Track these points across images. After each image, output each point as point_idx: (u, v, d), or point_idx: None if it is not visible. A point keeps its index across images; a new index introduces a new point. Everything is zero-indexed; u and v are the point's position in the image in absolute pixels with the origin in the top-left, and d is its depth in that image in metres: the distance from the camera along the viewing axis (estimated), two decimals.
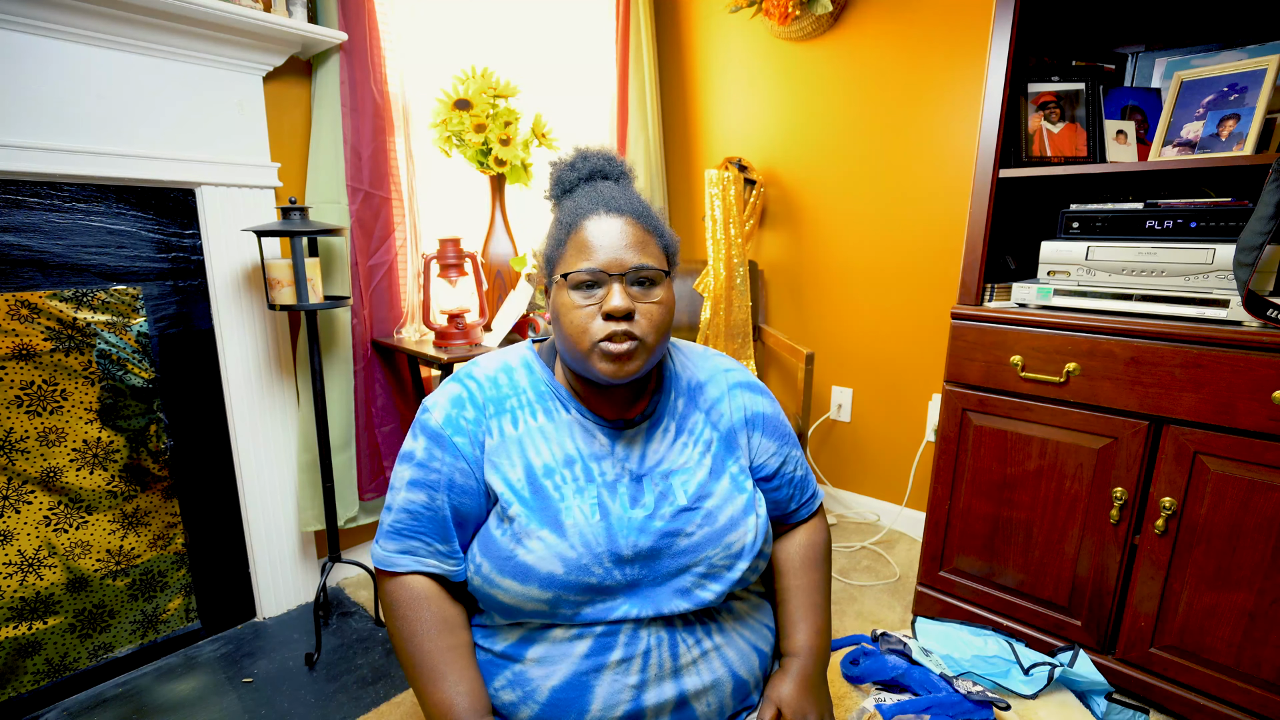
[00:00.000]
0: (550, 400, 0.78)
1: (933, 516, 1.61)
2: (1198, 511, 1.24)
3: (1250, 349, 1.15)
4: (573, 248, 0.72)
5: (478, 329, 1.74)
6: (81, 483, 1.43)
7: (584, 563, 0.69)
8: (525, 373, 0.80)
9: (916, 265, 2.05)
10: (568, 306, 0.71)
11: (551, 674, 0.70)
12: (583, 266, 0.70)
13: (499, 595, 0.71)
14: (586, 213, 0.73)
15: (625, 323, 0.70)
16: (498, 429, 0.75)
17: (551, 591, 0.69)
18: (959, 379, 1.51)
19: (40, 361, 1.36)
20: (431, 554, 0.74)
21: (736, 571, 0.74)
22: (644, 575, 0.71)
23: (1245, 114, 1.24)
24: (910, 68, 1.97)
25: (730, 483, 0.78)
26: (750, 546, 0.75)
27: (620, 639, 0.70)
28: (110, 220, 1.41)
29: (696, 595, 0.73)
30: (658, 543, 0.72)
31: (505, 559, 0.70)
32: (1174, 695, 1.31)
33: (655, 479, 0.76)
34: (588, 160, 0.79)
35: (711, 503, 0.76)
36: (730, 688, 0.75)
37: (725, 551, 0.74)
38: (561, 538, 0.70)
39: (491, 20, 2.06)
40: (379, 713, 1.39)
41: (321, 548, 1.85)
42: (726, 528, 0.75)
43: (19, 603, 1.37)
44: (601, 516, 0.72)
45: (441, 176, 2.00)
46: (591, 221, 0.72)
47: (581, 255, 0.71)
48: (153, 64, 1.39)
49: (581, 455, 0.75)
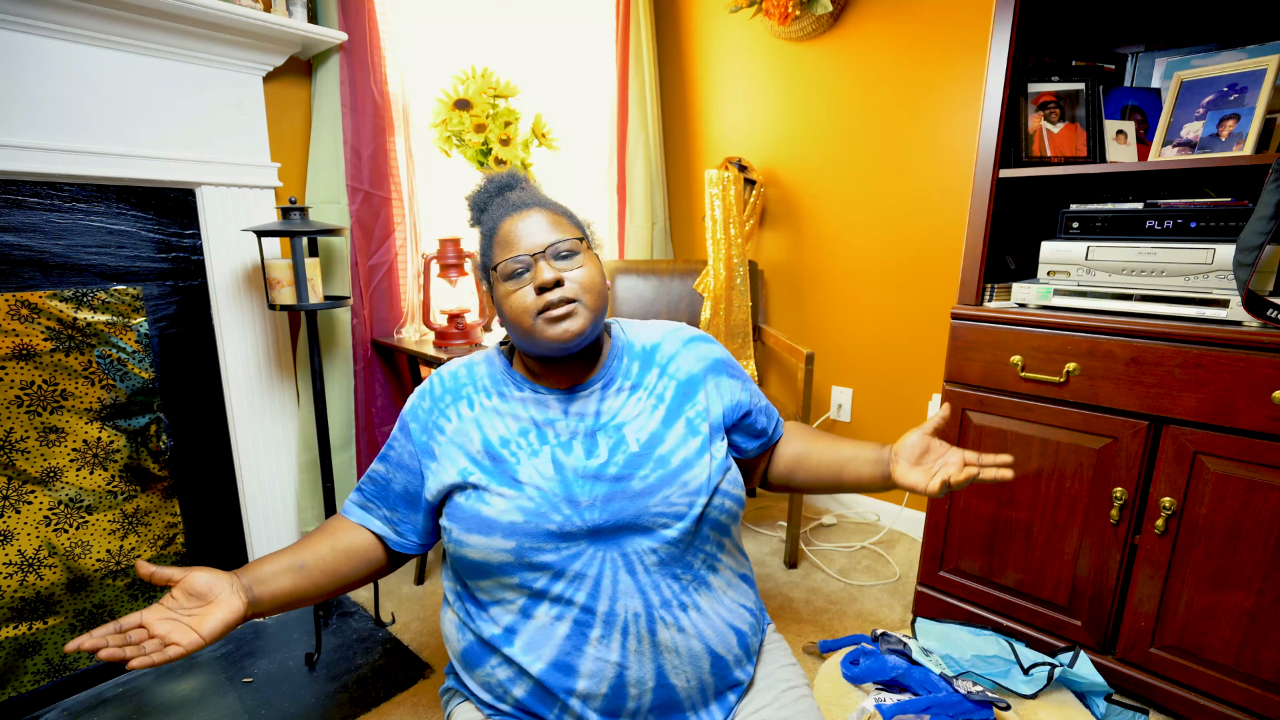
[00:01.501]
0: (505, 385, 0.85)
1: (933, 516, 1.61)
2: (1198, 511, 1.24)
3: (1250, 349, 1.15)
4: (498, 246, 0.81)
5: (477, 329, 1.74)
6: (82, 483, 1.43)
7: (542, 510, 0.75)
8: (485, 365, 0.88)
9: (916, 265, 2.05)
10: (505, 294, 0.79)
11: (539, 656, 0.75)
12: (508, 258, 0.79)
13: (468, 553, 0.77)
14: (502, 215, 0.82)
15: (558, 289, 0.77)
16: (455, 414, 0.83)
17: (514, 540, 0.74)
18: (959, 379, 1.51)
19: (40, 361, 1.36)
20: (380, 518, 0.86)
21: (696, 508, 0.78)
22: (605, 521, 0.76)
23: (1245, 114, 1.24)
24: (910, 68, 1.97)
25: (685, 427, 0.83)
26: (706, 484, 0.79)
27: (598, 615, 0.74)
28: (110, 220, 1.41)
29: (660, 534, 0.77)
30: (612, 487, 0.77)
31: (470, 517, 0.77)
32: (1174, 695, 1.31)
33: (609, 431, 0.81)
34: (493, 180, 0.89)
35: (663, 448, 0.80)
36: (708, 664, 0.77)
37: (681, 490, 0.78)
38: (519, 491, 0.76)
39: (491, 20, 2.06)
40: (379, 712, 1.39)
41: None
42: (680, 469, 0.79)
43: (19, 603, 1.37)
44: (556, 470, 0.78)
45: (441, 176, 2.00)
46: (507, 220, 0.81)
47: (506, 249, 0.80)
48: (153, 64, 1.39)
49: (536, 423, 0.82)
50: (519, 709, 0.77)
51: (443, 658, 1.55)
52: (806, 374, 1.94)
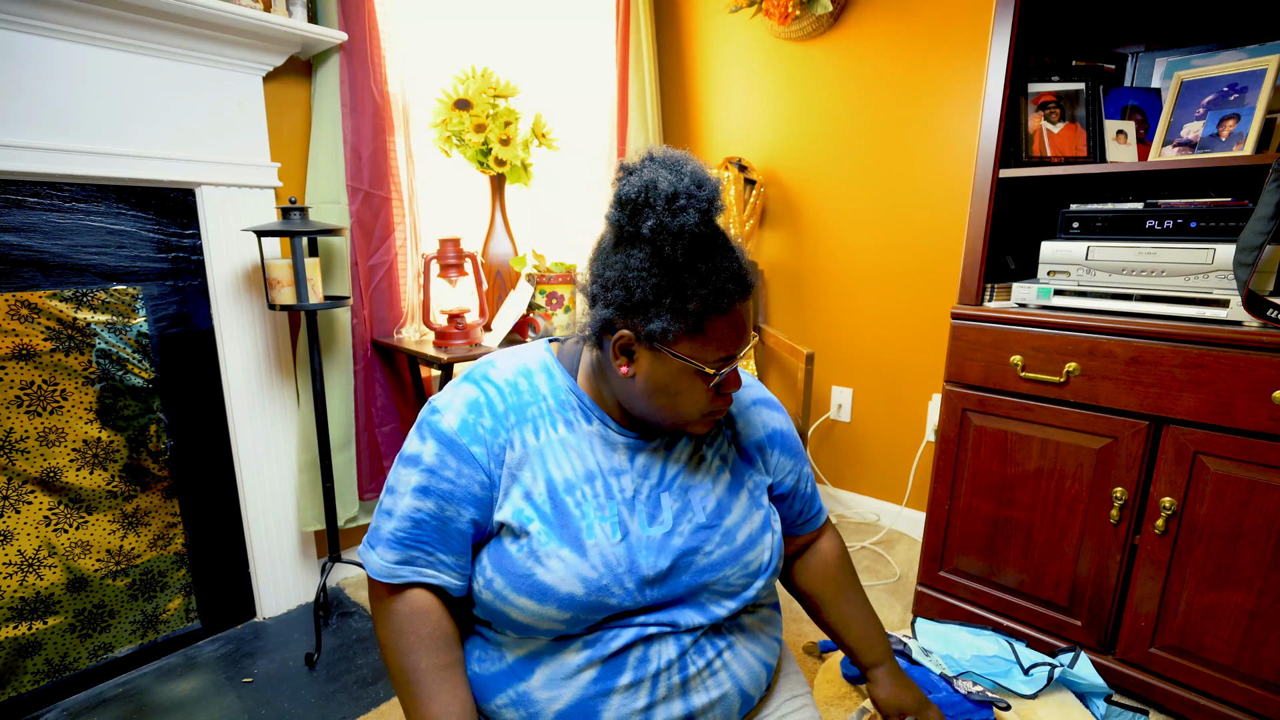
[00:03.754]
0: (572, 410, 0.73)
1: (933, 516, 1.61)
2: (1198, 511, 1.24)
3: (1250, 349, 1.15)
4: (715, 335, 0.65)
5: (478, 329, 1.74)
6: (81, 483, 1.43)
7: (605, 584, 0.67)
8: (545, 377, 0.75)
9: (916, 265, 2.05)
10: (693, 388, 0.67)
11: (558, 697, 0.68)
12: (723, 358, 0.66)
13: (512, 613, 0.67)
14: (734, 299, 0.65)
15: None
16: (519, 440, 0.70)
17: (570, 613, 0.66)
18: (959, 379, 1.51)
19: (40, 361, 1.36)
20: (431, 564, 0.69)
21: (753, 590, 0.74)
22: (663, 596, 0.70)
23: (1245, 114, 1.24)
24: (910, 68, 1.97)
25: (748, 498, 0.77)
26: (767, 565, 0.75)
27: (630, 661, 0.68)
28: (110, 220, 1.41)
29: (711, 610, 0.72)
30: (677, 561, 0.70)
31: (522, 577, 0.66)
32: (1174, 695, 1.31)
33: (674, 493, 0.73)
34: (715, 203, 0.65)
35: (730, 520, 0.74)
36: (738, 703, 0.74)
37: (743, 571, 0.73)
38: (583, 558, 0.67)
39: (491, 20, 2.06)
40: (379, 713, 1.39)
41: (321, 548, 1.85)
42: (745, 546, 0.74)
43: (19, 603, 1.37)
44: (622, 536, 0.69)
45: (441, 176, 2.00)
46: (738, 310, 0.66)
47: (722, 345, 0.66)
48: (153, 64, 1.39)
49: (602, 470, 0.72)
50: None
51: None
52: (806, 374, 1.94)
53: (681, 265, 0.64)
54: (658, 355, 0.66)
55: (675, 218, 0.62)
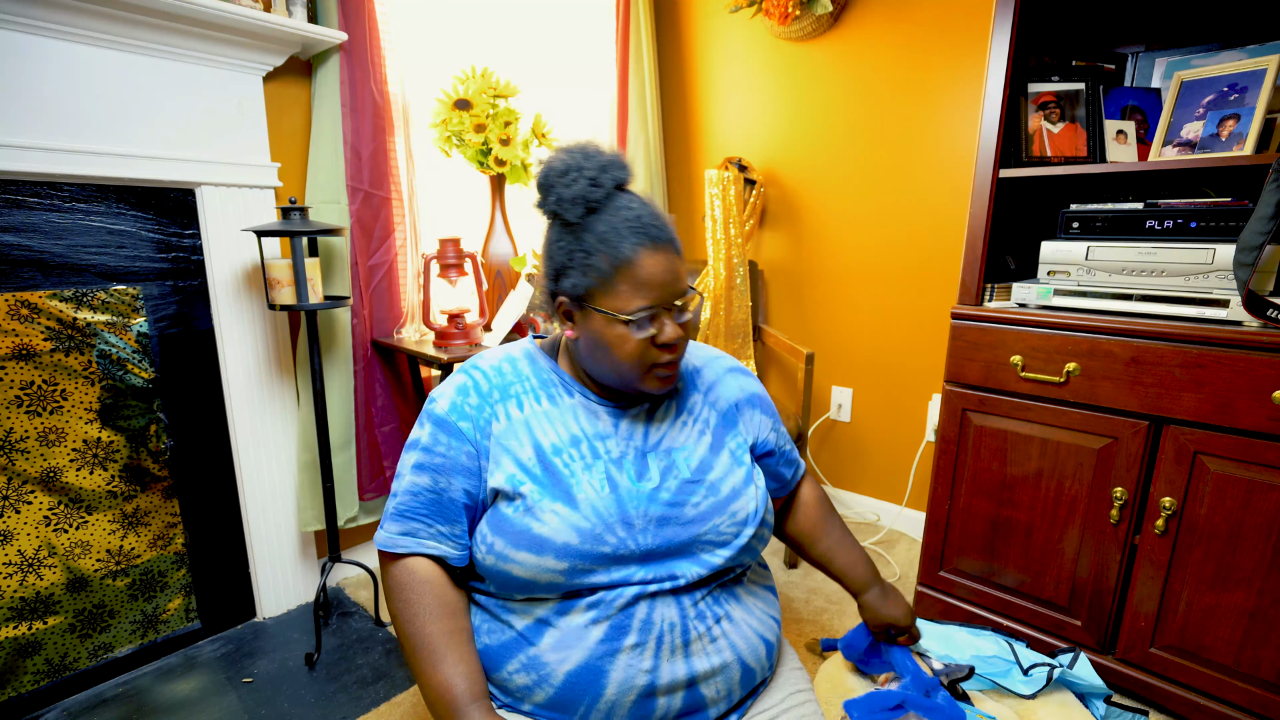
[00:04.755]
0: (554, 387, 0.81)
1: (933, 516, 1.61)
2: (1198, 511, 1.24)
3: (1250, 349, 1.15)
4: (625, 284, 0.71)
5: (478, 329, 1.74)
6: (81, 483, 1.43)
7: (598, 532, 0.72)
8: (528, 363, 0.83)
9: (916, 265, 2.05)
10: (621, 339, 0.72)
11: (566, 658, 0.72)
12: (640, 306, 0.71)
13: (514, 570, 0.72)
14: (633, 244, 0.71)
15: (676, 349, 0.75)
16: (504, 413, 0.78)
17: (567, 561, 0.71)
18: (959, 379, 1.51)
19: (40, 361, 1.36)
20: (432, 535, 0.76)
21: (743, 538, 0.79)
22: (656, 546, 0.74)
23: (1245, 114, 1.24)
24: (910, 68, 1.97)
25: (730, 457, 0.83)
26: (754, 514, 0.80)
27: (635, 623, 0.72)
28: (110, 220, 1.41)
29: (706, 560, 0.77)
30: (666, 512, 0.75)
31: (520, 533, 0.72)
32: (1174, 695, 1.31)
33: (659, 455, 0.80)
34: (609, 171, 0.74)
35: (714, 475, 0.80)
36: (738, 674, 0.77)
37: (731, 519, 0.78)
38: (574, 510, 0.72)
39: (491, 20, 2.06)
40: (379, 713, 1.39)
41: (321, 548, 1.85)
42: (730, 497, 0.79)
43: (19, 603, 1.37)
44: (611, 489, 0.75)
45: (441, 176, 2.00)
46: (645, 257, 0.71)
47: (638, 294, 0.71)
48: (153, 64, 1.39)
49: (586, 435, 0.78)
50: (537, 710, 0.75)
51: None
52: (806, 374, 1.94)
53: (581, 226, 0.73)
54: (585, 313, 0.74)
55: (569, 187, 0.72)
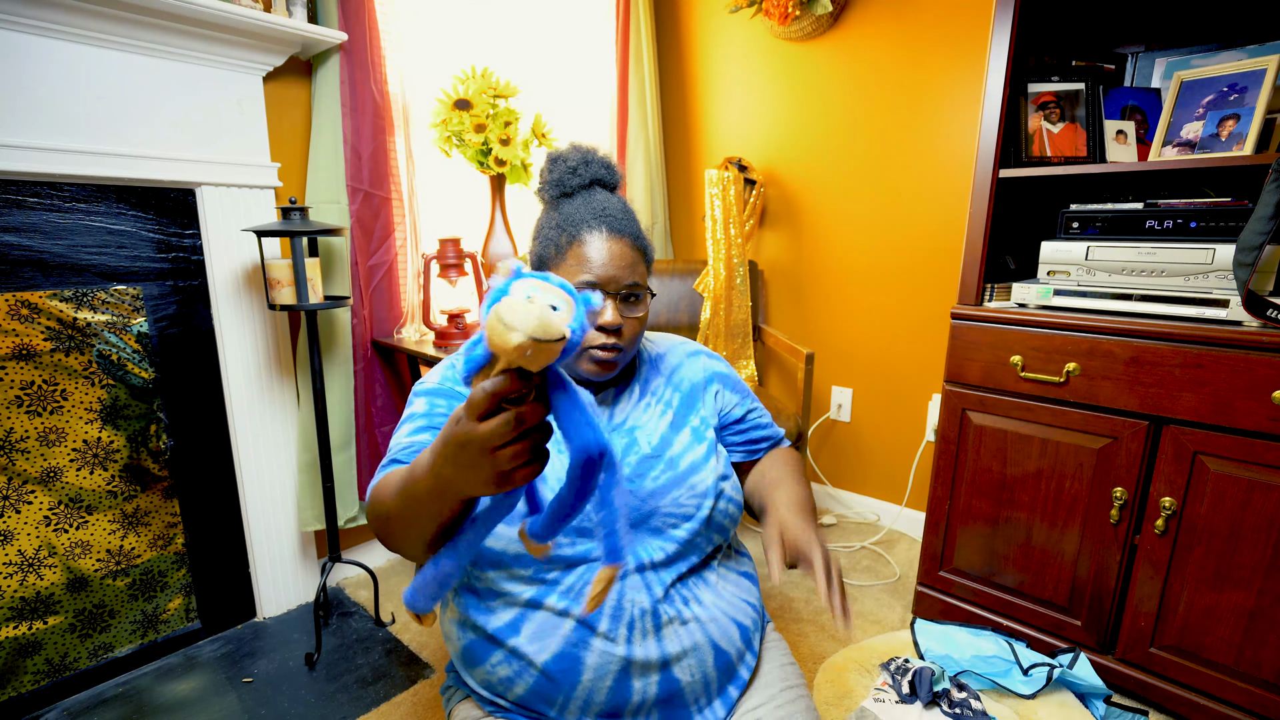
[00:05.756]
0: None
1: (933, 516, 1.61)
2: (1198, 511, 1.24)
3: (1250, 349, 1.15)
4: (573, 258, 0.78)
5: (477, 329, 1.74)
6: (81, 483, 1.43)
7: None
8: None
9: (916, 265, 2.05)
10: None
11: (545, 648, 0.74)
12: (582, 278, 0.77)
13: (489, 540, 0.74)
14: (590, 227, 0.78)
15: (614, 335, 0.78)
16: None
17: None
18: (959, 379, 1.51)
19: (40, 361, 1.36)
20: None
21: (704, 509, 0.80)
22: None
23: (1245, 114, 1.24)
24: (910, 68, 1.97)
25: (690, 434, 0.86)
26: (712, 488, 0.82)
27: (606, 608, 0.74)
28: (110, 220, 1.41)
29: (672, 534, 0.79)
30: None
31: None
32: (1174, 695, 1.31)
33: (621, 433, 0.83)
34: (590, 166, 0.83)
35: (673, 451, 0.83)
36: (711, 656, 0.78)
37: (690, 492, 0.80)
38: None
39: (491, 20, 2.06)
40: (379, 713, 1.39)
41: (321, 548, 1.85)
42: (688, 472, 0.82)
43: (19, 603, 1.37)
44: None
45: (441, 176, 2.00)
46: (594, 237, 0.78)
47: (581, 267, 0.77)
48: (153, 64, 1.39)
49: None
50: (520, 706, 0.77)
51: (443, 657, 1.55)
52: (806, 374, 1.94)
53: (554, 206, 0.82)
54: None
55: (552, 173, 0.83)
